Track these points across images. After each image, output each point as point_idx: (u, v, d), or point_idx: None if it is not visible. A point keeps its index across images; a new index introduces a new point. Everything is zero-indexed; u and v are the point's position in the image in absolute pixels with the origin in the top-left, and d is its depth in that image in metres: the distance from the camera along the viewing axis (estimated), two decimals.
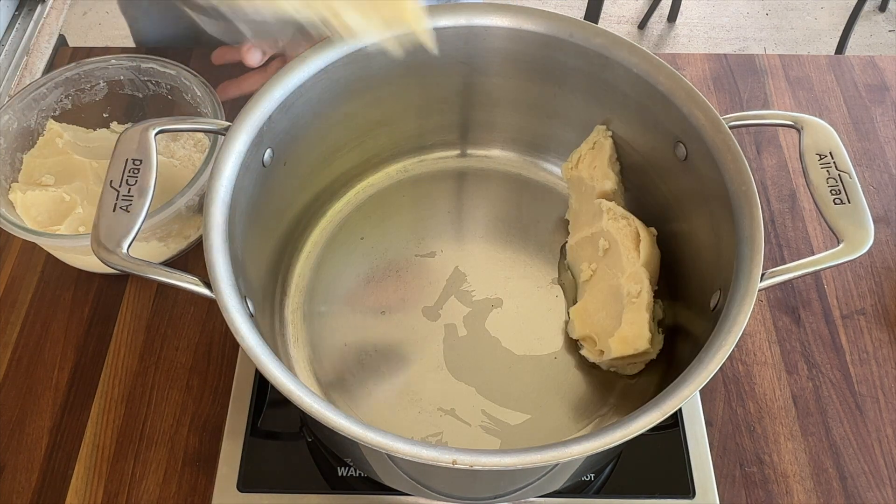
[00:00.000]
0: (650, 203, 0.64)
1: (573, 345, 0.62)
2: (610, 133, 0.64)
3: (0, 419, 0.61)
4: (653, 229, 0.62)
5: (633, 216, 0.62)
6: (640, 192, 0.65)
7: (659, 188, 0.62)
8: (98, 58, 0.71)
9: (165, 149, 0.71)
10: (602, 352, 0.59)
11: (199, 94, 0.69)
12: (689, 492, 0.57)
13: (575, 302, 0.64)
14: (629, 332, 0.57)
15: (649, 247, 0.60)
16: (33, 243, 0.71)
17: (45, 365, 0.64)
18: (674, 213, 0.61)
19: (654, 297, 0.60)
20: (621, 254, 0.60)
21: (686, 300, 0.60)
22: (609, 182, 0.63)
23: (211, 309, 0.67)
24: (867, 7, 2.06)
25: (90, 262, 0.67)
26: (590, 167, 0.65)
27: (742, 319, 0.45)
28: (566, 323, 0.63)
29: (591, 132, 0.65)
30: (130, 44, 0.96)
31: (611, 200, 0.63)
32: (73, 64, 0.70)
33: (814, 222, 0.74)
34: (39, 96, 0.70)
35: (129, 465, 0.60)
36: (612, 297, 0.59)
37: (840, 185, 0.51)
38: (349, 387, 0.60)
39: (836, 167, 0.52)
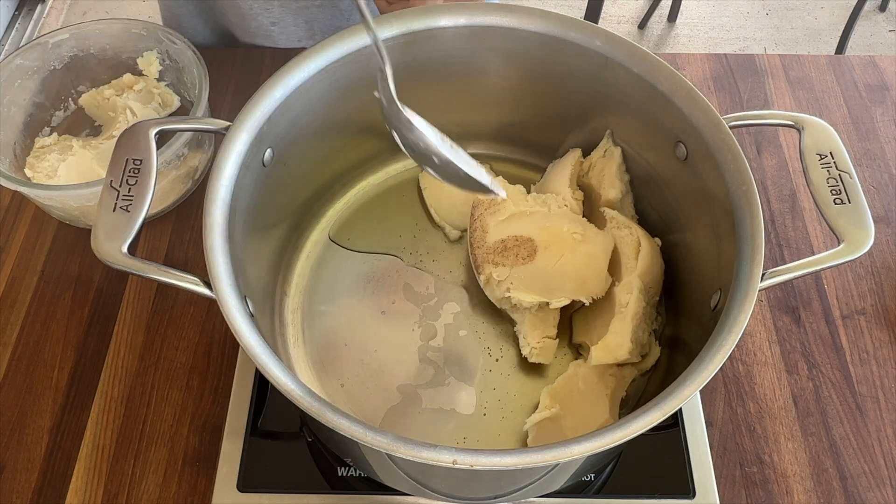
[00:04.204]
0: (654, 213, 0.64)
1: (572, 347, 0.62)
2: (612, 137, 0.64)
3: (0, 419, 0.61)
4: (657, 240, 0.62)
5: (636, 225, 0.61)
6: (643, 202, 0.65)
7: (664, 195, 0.62)
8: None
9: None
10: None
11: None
12: (689, 492, 0.57)
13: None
14: (612, 340, 0.57)
15: (649, 256, 0.60)
16: (33, 243, 0.71)
17: (45, 365, 0.64)
18: (677, 223, 0.61)
19: (657, 307, 0.59)
20: (621, 262, 0.60)
21: (687, 303, 0.60)
22: (614, 191, 0.63)
23: (211, 309, 0.67)
24: (867, 7, 2.06)
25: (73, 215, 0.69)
26: (599, 175, 0.65)
27: (742, 319, 0.45)
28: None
29: (602, 139, 0.65)
30: None
31: (615, 209, 0.63)
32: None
33: (814, 222, 0.74)
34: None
35: (129, 465, 0.60)
36: (608, 305, 0.59)
37: (840, 185, 0.51)
38: (349, 387, 0.60)
39: (836, 167, 0.52)
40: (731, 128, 0.53)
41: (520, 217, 0.62)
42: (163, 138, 0.54)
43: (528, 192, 0.68)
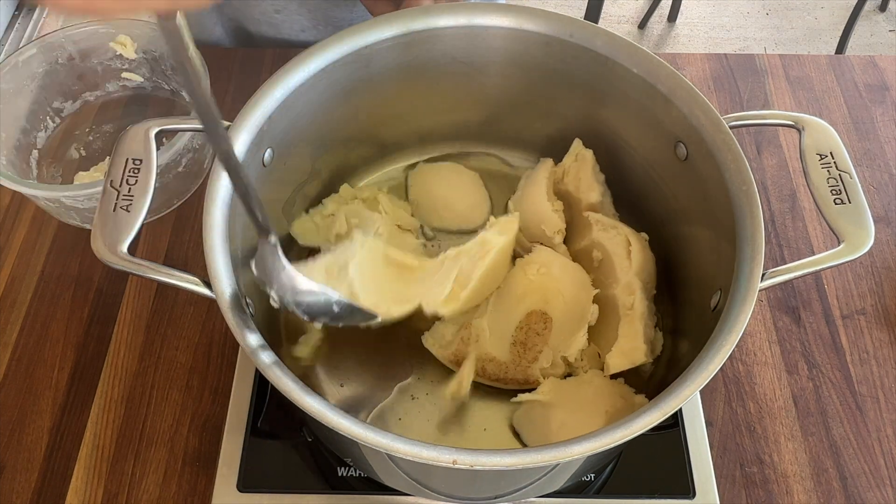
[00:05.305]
0: (652, 207, 0.64)
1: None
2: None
3: (0, 419, 0.61)
4: (644, 234, 0.62)
5: (622, 224, 0.61)
6: (641, 197, 0.65)
7: (661, 190, 0.62)
8: None
9: None
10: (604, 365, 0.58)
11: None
12: (689, 492, 0.57)
13: None
14: (626, 345, 0.56)
15: (641, 252, 0.59)
16: (33, 243, 0.71)
17: (45, 365, 0.64)
18: (675, 216, 0.61)
19: (655, 302, 0.59)
20: (614, 263, 0.60)
21: (686, 301, 0.60)
22: (594, 193, 0.63)
23: (211, 309, 0.67)
24: (867, 7, 2.06)
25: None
26: (575, 180, 0.65)
27: (743, 319, 0.45)
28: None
29: (572, 144, 0.65)
30: None
31: (598, 212, 0.63)
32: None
33: (814, 222, 0.74)
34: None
35: (129, 465, 0.60)
36: (609, 309, 0.59)
37: (840, 184, 0.51)
38: (349, 387, 0.60)
39: (836, 167, 0.52)
40: (731, 128, 0.53)
41: (504, 304, 0.61)
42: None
43: (506, 204, 0.68)
